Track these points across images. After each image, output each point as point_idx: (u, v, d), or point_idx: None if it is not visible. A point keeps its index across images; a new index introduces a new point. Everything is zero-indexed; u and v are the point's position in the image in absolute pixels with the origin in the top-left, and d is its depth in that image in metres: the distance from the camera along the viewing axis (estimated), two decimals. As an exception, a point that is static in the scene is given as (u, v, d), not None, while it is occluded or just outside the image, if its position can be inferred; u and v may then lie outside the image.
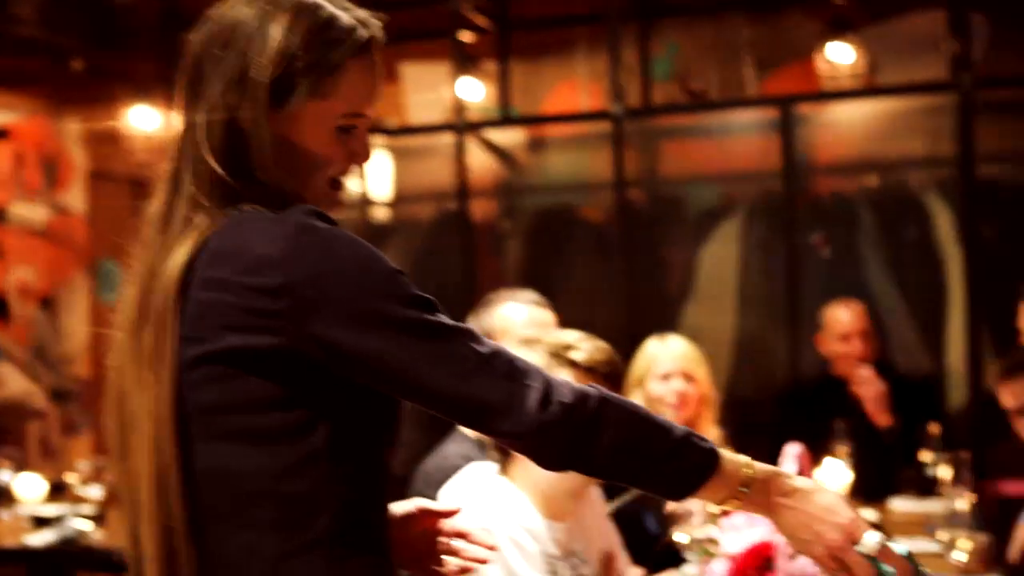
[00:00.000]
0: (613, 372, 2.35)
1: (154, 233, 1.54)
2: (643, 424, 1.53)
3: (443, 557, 1.74)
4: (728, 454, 1.57)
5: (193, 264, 1.48)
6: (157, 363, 1.49)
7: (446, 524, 1.74)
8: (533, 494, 2.32)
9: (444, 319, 1.49)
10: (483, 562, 1.74)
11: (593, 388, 1.53)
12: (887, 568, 1.57)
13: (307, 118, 1.53)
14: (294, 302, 1.43)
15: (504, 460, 2.36)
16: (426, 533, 1.73)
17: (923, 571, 1.60)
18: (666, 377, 3.72)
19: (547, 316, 3.19)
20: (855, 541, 1.56)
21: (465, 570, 1.74)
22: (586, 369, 2.29)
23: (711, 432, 3.75)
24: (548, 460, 1.52)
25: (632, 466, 1.53)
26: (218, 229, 1.49)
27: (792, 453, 2.43)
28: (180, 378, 1.49)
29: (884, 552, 1.56)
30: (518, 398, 1.47)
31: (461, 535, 1.74)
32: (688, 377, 3.73)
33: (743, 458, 1.59)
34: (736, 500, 1.58)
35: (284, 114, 1.52)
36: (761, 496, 1.58)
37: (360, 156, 1.59)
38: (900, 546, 1.61)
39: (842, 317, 4.69)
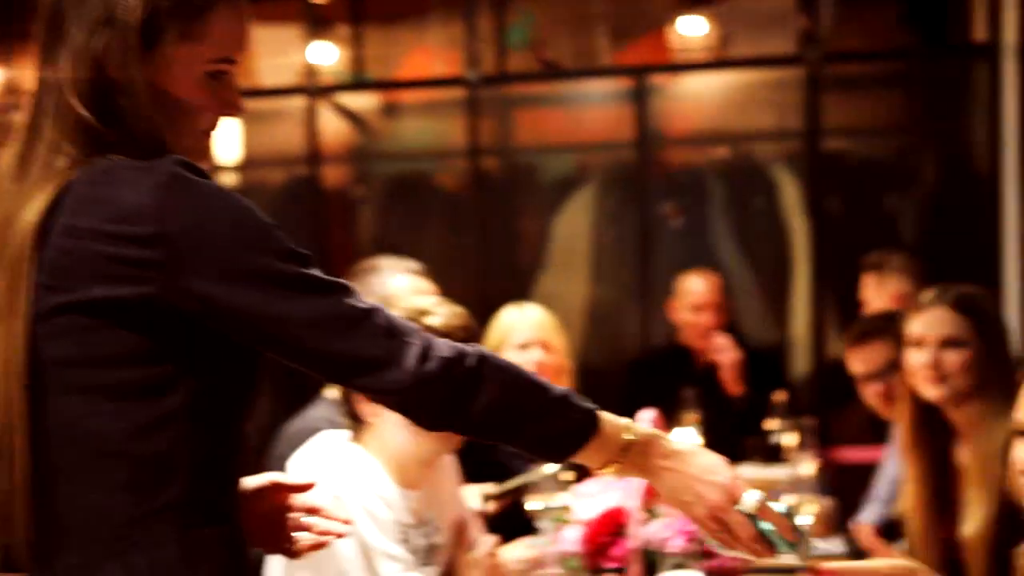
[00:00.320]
0: (470, 338, 2.30)
1: (9, 182, 1.47)
2: (522, 382, 1.51)
3: (294, 534, 1.69)
4: (609, 417, 1.56)
5: (54, 211, 1.42)
6: (10, 314, 1.42)
7: (298, 499, 1.69)
8: (386, 462, 2.27)
9: (320, 274, 1.46)
10: (338, 535, 1.70)
11: (472, 347, 1.51)
12: (767, 525, 1.58)
13: (177, 63, 1.48)
14: (167, 252, 1.38)
15: (357, 427, 2.31)
16: (278, 508, 1.68)
17: (802, 528, 1.61)
18: (524, 346, 3.70)
19: (426, 285, 3.15)
20: (735, 501, 1.56)
21: (318, 546, 1.70)
22: (442, 335, 2.24)
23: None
24: (426, 417, 1.50)
25: (511, 424, 1.51)
26: (83, 176, 1.43)
27: (646, 419, 2.43)
28: (35, 329, 1.42)
29: (764, 510, 1.57)
30: (396, 353, 1.45)
31: (314, 511, 1.69)
32: (546, 346, 3.72)
33: (623, 421, 1.59)
34: (616, 464, 1.57)
35: (153, 59, 1.46)
36: (641, 459, 1.57)
37: (231, 107, 1.54)
38: (779, 504, 1.62)
39: (696, 287, 4.74)
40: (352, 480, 2.22)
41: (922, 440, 2.75)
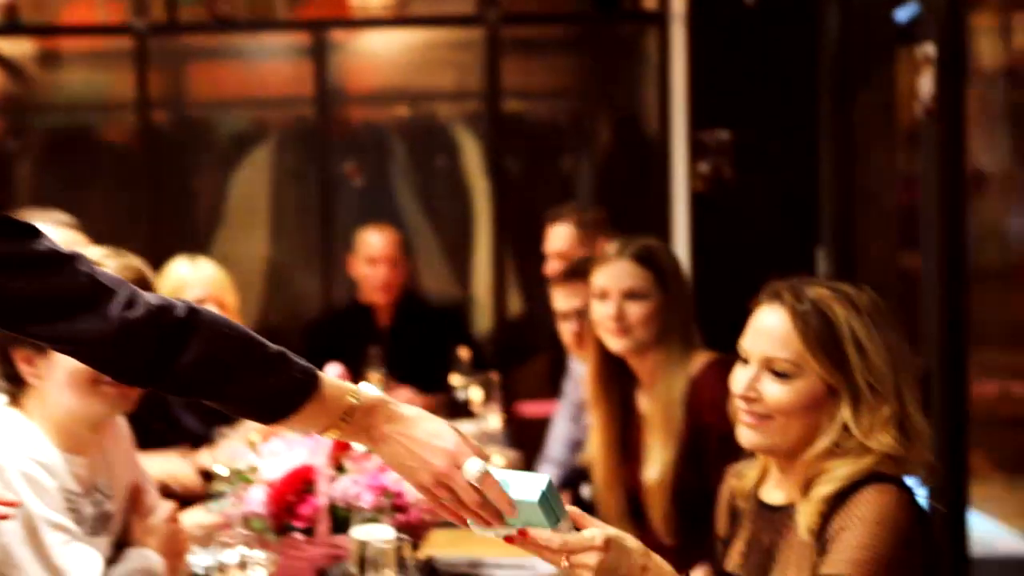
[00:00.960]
0: (144, 289, 2.15)
1: None
2: (236, 337, 1.43)
3: None
4: (331, 379, 1.47)
5: None
6: None
7: None
8: (48, 426, 2.08)
9: (16, 218, 1.40)
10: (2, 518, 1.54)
11: (181, 300, 1.44)
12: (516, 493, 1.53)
13: None
14: None
15: (15, 391, 2.11)
16: None
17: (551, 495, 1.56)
18: (198, 303, 3.56)
19: (80, 239, 2.93)
20: (459, 467, 1.50)
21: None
22: None
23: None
24: (129, 369, 1.42)
25: (221, 381, 1.43)
26: None
27: (332, 373, 2.33)
28: None
29: (486, 480, 1.52)
30: (99, 299, 1.38)
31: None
32: (219, 303, 3.57)
33: (349, 385, 1.52)
34: (337, 429, 1.48)
35: None
36: (364, 424, 1.51)
37: None
38: (524, 474, 1.58)
39: (373, 240, 4.69)
40: (9, 446, 2.02)
41: (606, 389, 2.79)
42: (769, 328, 1.84)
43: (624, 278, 2.74)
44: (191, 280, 3.68)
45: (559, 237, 4.15)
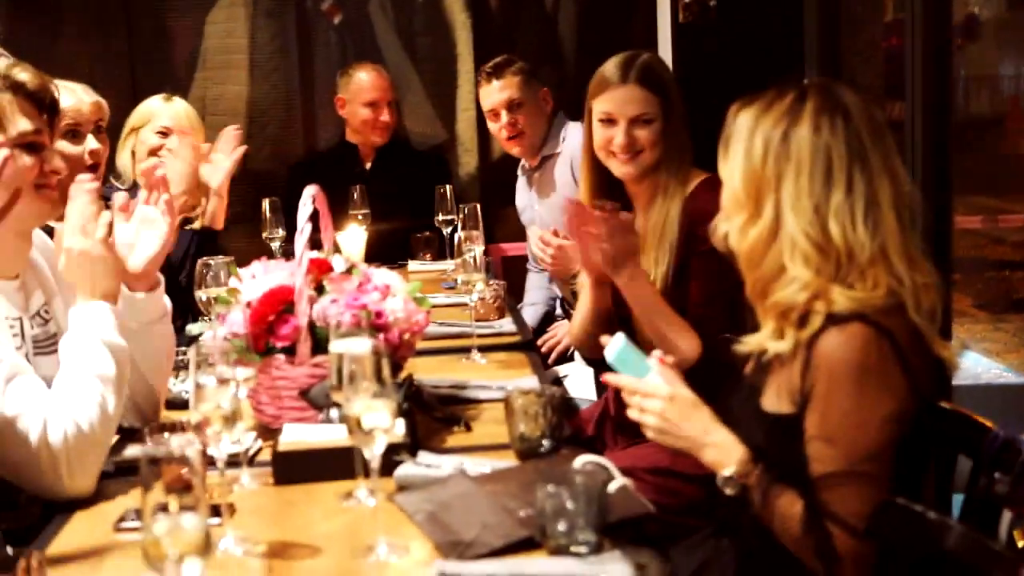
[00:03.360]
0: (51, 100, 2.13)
1: None
2: None
3: None
4: None
5: None
6: None
7: None
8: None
9: None
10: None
11: None
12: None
13: None
14: None
15: None
16: None
17: None
18: (163, 134, 3.60)
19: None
20: None
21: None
22: (31, 93, 2.07)
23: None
24: None
25: None
26: None
27: (309, 194, 2.31)
28: None
29: None
30: None
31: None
32: (184, 136, 3.59)
33: None
34: None
35: None
36: None
37: None
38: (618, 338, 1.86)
39: (369, 81, 4.62)
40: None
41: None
42: None
43: (632, 104, 2.71)
44: (159, 112, 3.69)
45: (496, 92, 4.09)
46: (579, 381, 3.72)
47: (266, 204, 3.94)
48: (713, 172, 2.62)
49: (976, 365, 5.15)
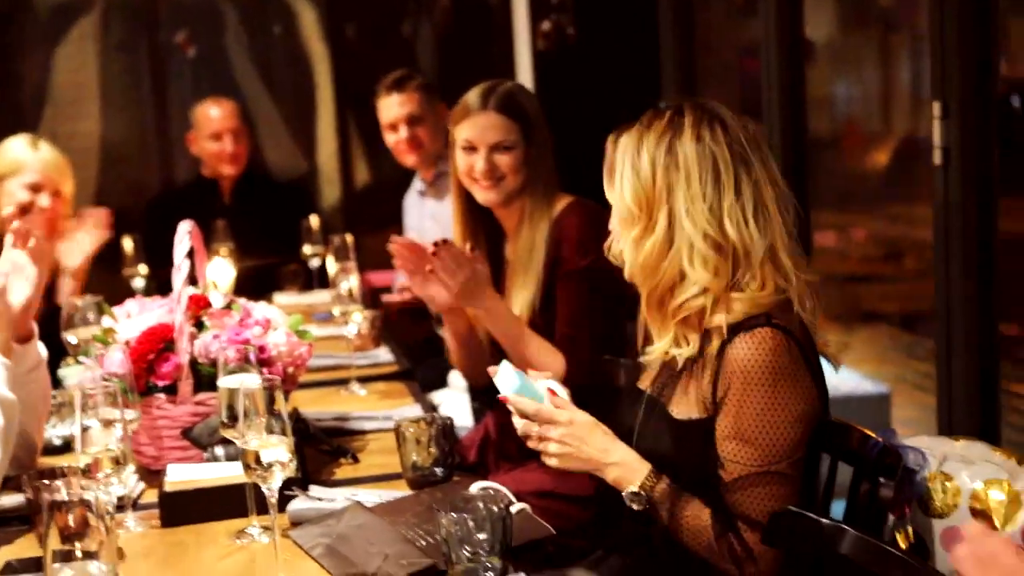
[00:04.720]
0: None
1: None
2: None
3: None
4: None
5: None
6: None
7: None
8: None
9: None
10: None
11: None
12: None
13: None
14: None
15: None
16: None
17: None
18: (34, 188, 3.47)
19: None
20: None
21: None
22: None
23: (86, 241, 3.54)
24: None
25: None
26: None
27: (184, 230, 2.27)
28: None
29: None
30: None
31: None
32: (55, 191, 3.49)
33: None
34: None
35: None
36: None
37: None
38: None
39: (212, 114, 4.56)
40: None
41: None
42: None
43: (492, 131, 2.71)
44: (27, 163, 3.53)
45: (396, 105, 4.08)
46: (454, 408, 3.71)
47: (127, 242, 3.84)
48: (578, 196, 2.69)
49: (832, 375, 5.29)
